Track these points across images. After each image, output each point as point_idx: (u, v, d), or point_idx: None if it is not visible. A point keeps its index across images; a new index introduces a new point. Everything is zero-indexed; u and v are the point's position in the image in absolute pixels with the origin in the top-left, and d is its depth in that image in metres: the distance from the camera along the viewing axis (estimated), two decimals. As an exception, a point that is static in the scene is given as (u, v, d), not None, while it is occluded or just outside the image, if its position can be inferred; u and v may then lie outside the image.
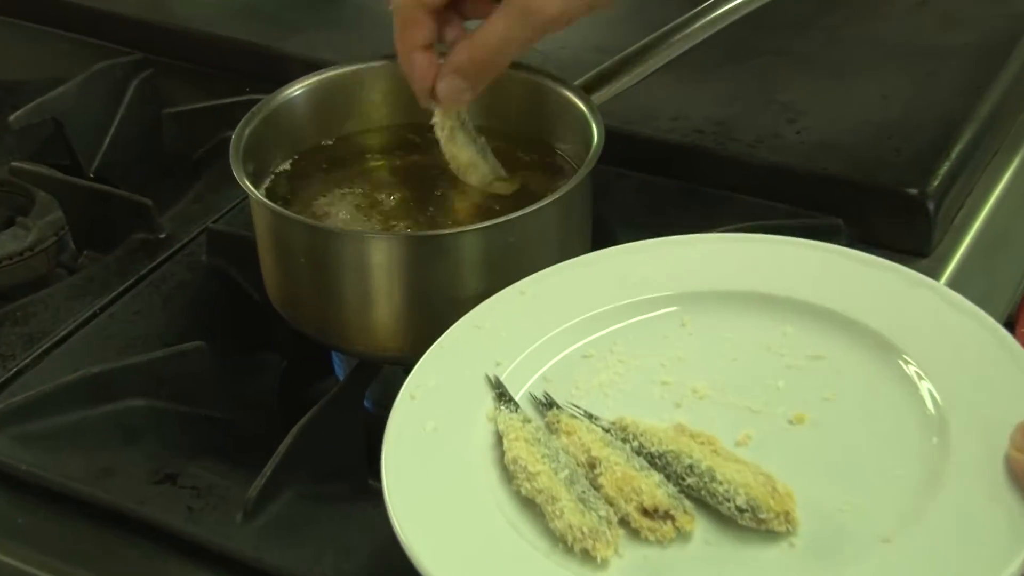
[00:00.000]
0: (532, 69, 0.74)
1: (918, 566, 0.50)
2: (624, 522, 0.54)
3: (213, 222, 0.81)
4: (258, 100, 0.73)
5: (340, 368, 0.76)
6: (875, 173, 0.78)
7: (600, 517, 0.53)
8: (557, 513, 0.53)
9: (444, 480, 0.56)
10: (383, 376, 0.73)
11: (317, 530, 0.62)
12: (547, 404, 0.60)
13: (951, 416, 0.55)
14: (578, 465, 0.56)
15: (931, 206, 0.76)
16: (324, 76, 0.75)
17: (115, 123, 0.92)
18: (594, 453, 0.56)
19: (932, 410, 0.56)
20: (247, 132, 0.70)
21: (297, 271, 0.68)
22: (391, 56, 0.74)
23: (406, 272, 0.65)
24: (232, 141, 0.69)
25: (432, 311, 0.66)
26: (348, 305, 0.67)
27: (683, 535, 0.53)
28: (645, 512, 0.53)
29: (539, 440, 0.57)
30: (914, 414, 0.56)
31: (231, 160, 0.68)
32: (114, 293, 0.76)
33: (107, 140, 0.91)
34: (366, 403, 0.72)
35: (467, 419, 0.58)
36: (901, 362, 0.59)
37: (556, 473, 0.55)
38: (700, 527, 0.54)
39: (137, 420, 0.68)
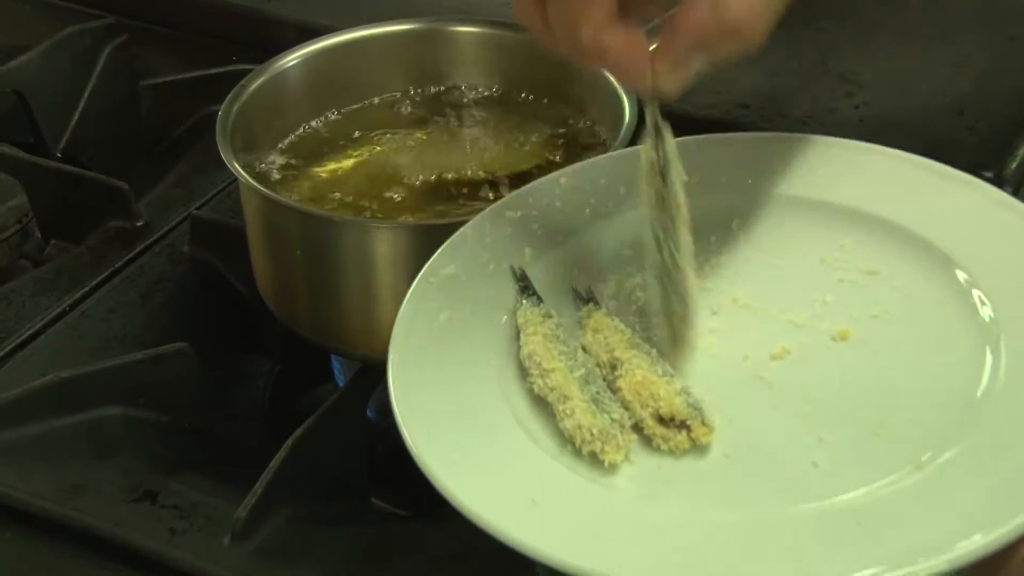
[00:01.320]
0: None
1: (946, 498, 0.51)
2: (638, 428, 0.56)
3: (197, 208, 0.82)
4: (247, 71, 0.74)
5: (339, 373, 0.77)
6: (945, 154, 0.78)
7: (612, 420, 0.55)
8: (567, 412, 0.55)
9: (453, 373, 0.58)
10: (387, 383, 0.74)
11: (314, 554, 0.63)
12: (585, 299, 0.61)
13: (1006, 343, 0.56)
14: (598, 365, 0.58)
15: (1008, 191, 0.76)
16: (321, 44, 0.76)
17: (85, 96, 0.93)
18: (617, 354, 0.58)
19: (988, 333, 0.57)
20: (235, 107, 0.72)
21: (291, 264, 0.69)
22: (395, 21, 0.76)
23: (414, 265, 0.66)
24: (218, 117, 0.70)
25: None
26: (349, 303, 0.68)
27: (699, 447, 0.55)
28: (661, 420, 0.55)
29: (558, 337, 0.59)
30: (968, 339, 0.57)
31: (217, 138, 0.69)
32: (86, 288, 0.78)
33: (76, 116, 0.93)
34: (368, 413, 0.73)
35: (486, 311, 0.60)
36: (964, 284, 0.60)
37: (571, 371, 0.57)
38: (721, 440, 0.55)
39: (113, 431, 0.69)
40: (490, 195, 0.71)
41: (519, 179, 0.71)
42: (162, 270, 0.79)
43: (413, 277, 0.65)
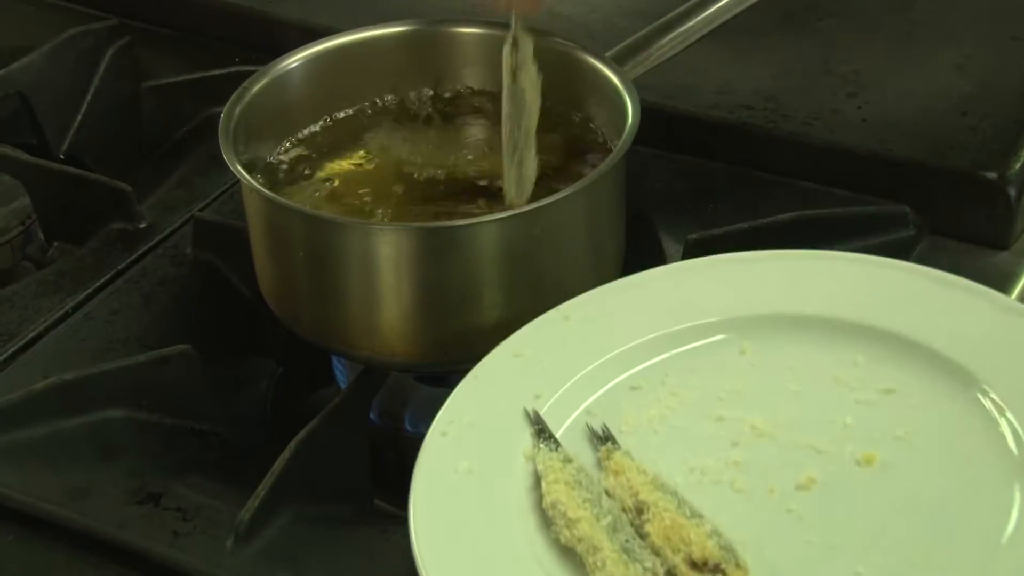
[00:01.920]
0: (559, 37, 0.75)
1: None
2: (671, 574, 0.55)
3: (199, 210, 0.82)
4: (250, 72, 0.74)
5: (342, 375, 0.77)
6: (947, 154, 0.79)
7: (645, 569, 0.54)
8: (599, 564, 0.55)
9: (478, 527, 0.57)
10: (391, 384, 0.74)
11: (317, 556, 0.63)
12: (603, 438, 0.61)
13: None
14: (623, 510, 0.57)
15: (1012, 192, 0.76)
16: (323, 45, 0.76)
17: (88, 98, 0.94)
18: (642, 497, 0.57)
19: (1015, 450, 0.57)
20: (237, 109, 0.72)
21: (294, 266, 0.70)
22: (398, 22, 0.76)
23: (417, 267, 0.66)
24: (221, 119, 0.70)
25: (446, 312, 0.67)
26: (352, 304, 0.68)
27: None
28: (694, 564, 0.54)
29: (580, 483, 0.58)
30: (994, 455, 0.57)
31: (220, 140, 0.69)
32: (88, 290, 0.78)
33: (79, 117, 0.93)
34: (371, 415, 0.74)
35: (504, 459, 0.60)
36: (981, 396, 0.60)
37: (598, 520, 0.56)
38: None
39: (115, 433, 0.69)
40: (489, 198, 0.71)
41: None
42: (164, 272, 0.79)
43: (414, 278, 0.66)
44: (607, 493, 0.58)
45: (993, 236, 0.77)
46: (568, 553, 0.56)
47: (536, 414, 0.62)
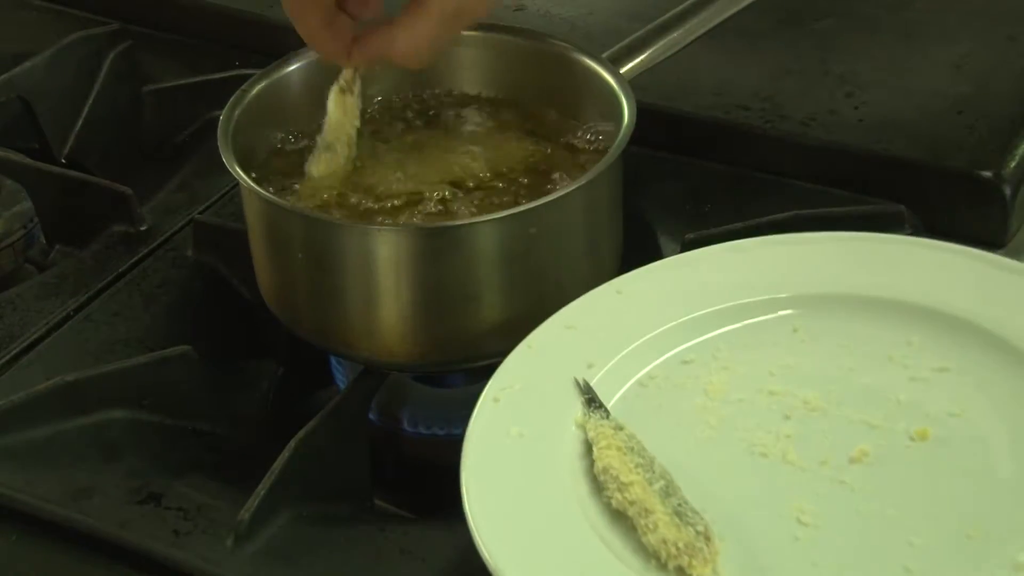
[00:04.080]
0: (555, 38, 0.75)
1: None
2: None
3: (199, 213, 0.83)
4: (249, 76, 0.75)
5: (342, 376, 0.77)
6: (944, 154, 0.79)
7: (697, 532, 0.55)
8: (650, 527, 0.55)
9: (530, 491, 0.58)
10: (389, 385, 0.74)
11: (317, 556, 0.63)
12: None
13: None
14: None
15: (1008, 191, 0.77)
16: (323, 48, 0.77)
17: (89, 102, 0.94)
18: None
19: None
20: (236, 112, 0.72)
21: (294, 268, 0.70)
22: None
23: (416, 268, 0.67)
24: (220, 122, 0.71)
25: (445, 312, 0.67)
26: (351, 306, 0.69)
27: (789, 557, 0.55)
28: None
29: (632, 448, 0.59)
30: None
31: (219, 143, 0.70)
32: (90, 292, 0.78)
33: (80, 121, 0.93)
34: (371, 415, 0.74)
35: (555, 425, 0.61)
36: None
37: (650, 484, 0.57)
38: (809, 549, 0.55)
39: (117, 434, 0.70)
40: (490, 198, 0.71)
41: (517, 183, 0.72)
42: (165, 274, 0.79)
43: (413, 279, 0.66)
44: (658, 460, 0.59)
45: (989, 234, 0.77)
46: (619, 518, 0.57)
47: (586, 383, 0.62)
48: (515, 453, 0.60)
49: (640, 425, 0.61)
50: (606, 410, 0.61)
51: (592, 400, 0.62)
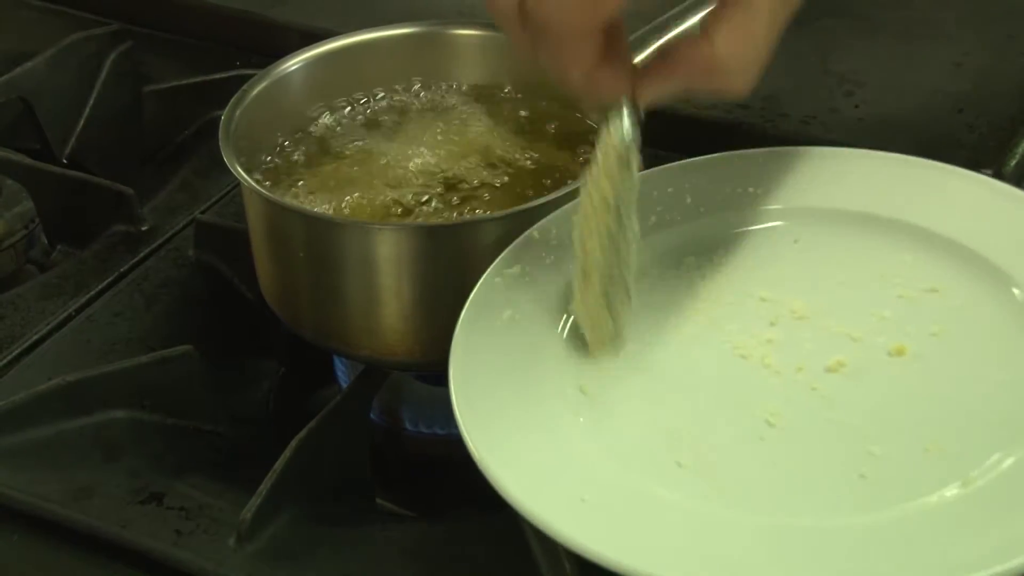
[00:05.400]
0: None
1: (992, 516, 0.52)
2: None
3: (201, 212, 0.83)
4: (250, 76, 0.75)
5: (343, 375, 0.77)
6: (944, 152, 0.78)
7: (612, 327, 0.60)
8: (582, 298, 0.60)
9: (513, 369, 0.59)
10: (391, 384, 0.74)
11: (318, 555, 0.63)
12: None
13: None
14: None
15: (1008, 189, 0.77)
16: (322, 48, 0.77)
17: (90, 102, 0.94)
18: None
19: None
20: (237, 111, 0.72)
21: (295, 267, 0.70)
22: (397, 24, 0.76)
23: (417, 267, 0.67)
24: (221, 122, 0.71)
25: (446, 311, 0.67)
26: (352, 305, 0.69)
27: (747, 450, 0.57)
28: None
29: (618, 208, 0.58)
30: None
31: (220, 143, 0.70)
32: (91, 292, 0.78)
33: (81, 121, 0.94)
34: (372, 414, 0.74)
35: (547, 309, 0.62)
36: (1020, 293, 0.60)
37: (605, 254, 0.59)
38: (772, 448, 0.56)
39: (118, 434, 0.70)
40: (486, 196, 0.71)
41: (520, 180, 0.72)
42: (167, 274, 0.79)
43: (414, 278, 0.66)
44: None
45: (989, 232, 0.77)
46: (599, 398, 0.59)
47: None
48: (505, 333, 0.61)
49: (632, 318, 0.62)
50: (636, 130, 0.57)
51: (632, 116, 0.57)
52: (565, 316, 0.63)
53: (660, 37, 0.75)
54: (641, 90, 0.57)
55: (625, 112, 0.58)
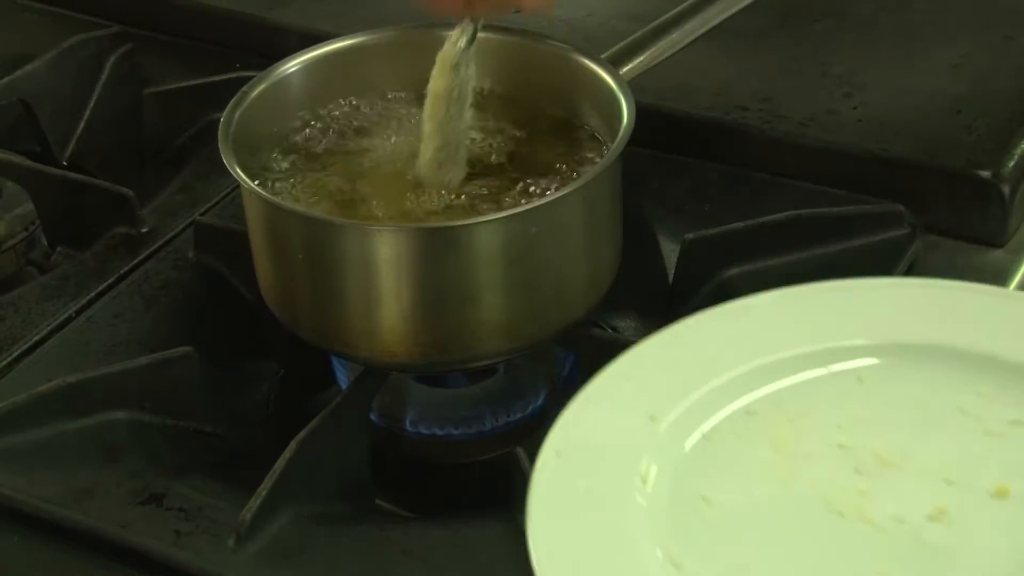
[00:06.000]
0: (554, 39, 0.75)
1: None
2: None
3: (201, 214, 0.83)
4: (249, 78, 0.75)
5: (343, 376, 0.77)
6: (943, 154, 0.79)
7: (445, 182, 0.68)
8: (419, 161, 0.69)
9: (598, 547, 0.56)
10: (390, 385, 0.74)
11: (318, 555, 0.63)
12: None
13: None
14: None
15: (1006, 190, 0.77)
16: (321, 50, 0.77)
17: (90, 105, 0.94)
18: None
19: None
20: (237, 113, 0.72)
21: (294, 268, 0.70)
22: (395, 26, 0.76)
23: (416, 268, 0.67)
24: (220, 124, 0.71)
25: (445, 312, 0.67)
26: (351, 306, 0.69)
27: None
28: None
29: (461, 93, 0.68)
30: None
31: (220, 145, 0.70)
32: (91, 294, 0.78)
33: (81, 124, 0.94)
34: (372, 415, 0.74)
35: (621, 477, 0.59)
36: None
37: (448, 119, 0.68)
38: None
39: (118, 435, 0.70)
40: (484, 193, 0.71)
41: (514, 181, 0.72)
42: (167, 276, 0.80)
43: (413, 279, 0.66)
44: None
45: (987, 234, 0.77)
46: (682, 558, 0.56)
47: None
48: (584, 507, 0.57)
49: (708, 481, 0.59)
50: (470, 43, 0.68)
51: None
52: (641, 482, 0.59)
53: (660, 37, 0.76)
54: (475, 4, 0.68)
55: (463, 29, 0.69)
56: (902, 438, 0.60)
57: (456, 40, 0.69)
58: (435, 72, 0.70)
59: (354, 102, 0.78)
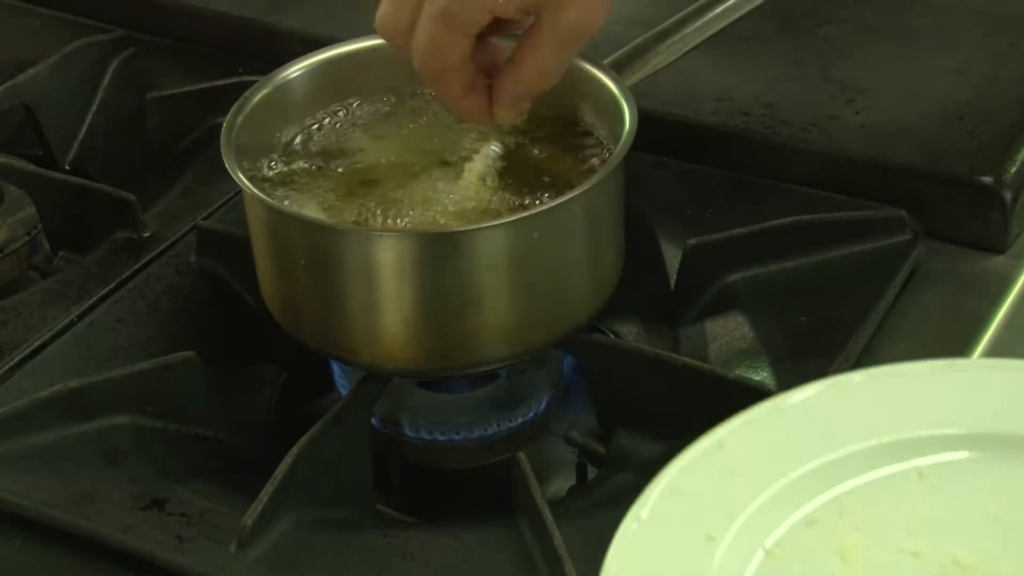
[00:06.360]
0: (557, 45, 0.75)
1: None
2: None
3: (203, 219, 0.83)
4: (252, 82, 0.75)
5: (344, 381, 0.77)
6: (945, 160, 0.79)
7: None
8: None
9: None
10: (392, 390, 0.74)
11: (320, 561, 0.63)
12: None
13: None
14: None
15: (1008, 196, 0.77)
16: (324, 55, 0.77)
17: (93, 109, 0.94)
18: None
19: None
20: (239, 118, 0.72)
21: (296, 273, 0.70)
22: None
23: (418, 273, 0.67)
24: (223, 128, 0.71)
25: (447, 317, 0.67)
26: (353, 311, 0.69)
27: None
28: None
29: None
30: None
31: (222, 149, 0.69)
32: (93, 299, 0.78)
33: (84, 128, 0.94)
34: (373, 420, 0.74)
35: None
36: None
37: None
38: None
39: (120, 440, 0.70)
40: (487, 198, 0.72)
41: (518, 187, 0.72)
42: (169, 280, 0.80)
43: (414, 284, 0.66)
44: None
45: (989, 240, 0.77)
46: None
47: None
48: None
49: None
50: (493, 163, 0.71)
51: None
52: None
53: (662, 42, 0.76)
54: (497, 112, 0.70)
55: (488, 151, 0.72)
56: (980, 539, 0.56)
57: (485, 155, 0.72)
58: (462, 182, 0.72)
59: (356, 106, 0.78)
